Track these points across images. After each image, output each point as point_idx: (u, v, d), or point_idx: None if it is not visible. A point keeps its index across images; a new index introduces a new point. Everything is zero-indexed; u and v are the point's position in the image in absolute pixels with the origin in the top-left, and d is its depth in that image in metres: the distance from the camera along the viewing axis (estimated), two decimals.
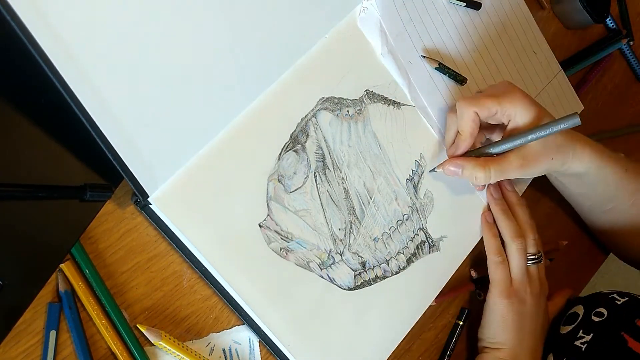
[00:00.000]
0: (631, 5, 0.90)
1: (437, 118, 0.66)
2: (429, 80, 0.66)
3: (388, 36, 0.62)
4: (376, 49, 0.63)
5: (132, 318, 0.51)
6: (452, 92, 0.67)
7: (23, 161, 0.46)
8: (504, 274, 0.65)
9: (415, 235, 0.64)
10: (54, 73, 0.42)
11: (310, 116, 0.58)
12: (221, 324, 0.55)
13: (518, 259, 0.66)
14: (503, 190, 0.70)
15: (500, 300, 0.65)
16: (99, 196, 0.49)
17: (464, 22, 0.70)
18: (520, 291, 0.65)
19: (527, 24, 0.76)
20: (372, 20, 0.62)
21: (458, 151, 0.62)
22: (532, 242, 0.67)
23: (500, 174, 0.61)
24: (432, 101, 0.66)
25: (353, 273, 0.60)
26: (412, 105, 0.65)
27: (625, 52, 0.90)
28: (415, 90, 0.65)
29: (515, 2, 0.75)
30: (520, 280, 0.66)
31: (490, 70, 0.71)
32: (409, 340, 0.65)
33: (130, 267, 0.51)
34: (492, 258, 0.66)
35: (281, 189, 0.56)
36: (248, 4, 0.53)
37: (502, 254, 0.66)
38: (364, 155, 0.61)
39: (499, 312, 0.65)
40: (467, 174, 0.61)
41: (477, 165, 0.61)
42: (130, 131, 0.47)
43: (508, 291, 0.65)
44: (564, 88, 0.79)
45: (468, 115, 0.60)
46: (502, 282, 0.65)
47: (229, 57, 0.52)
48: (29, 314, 0.47)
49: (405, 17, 0.64)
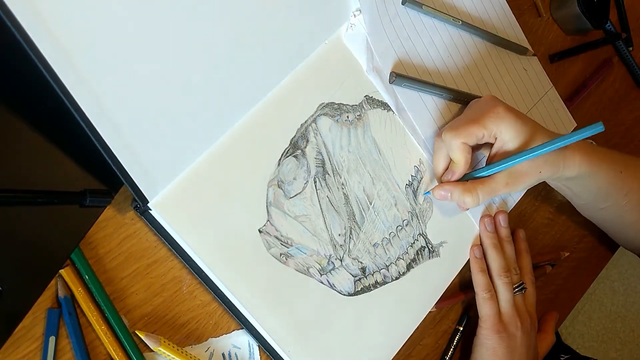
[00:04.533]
0: (630, 11, 0.90)
1: (424, 136, 0.65)
2: (417, 97, 0.65)
3: (374, 53, 0.62)
4: (362, 66, 0.62)
5: (132, 324, 0.51)
6: (440, 110, 0.67)
7: (23, 167, 0.46)
8: (493, 309, 0.66)
9: (415, 241, 0.64)
10: (54, 78, 0.42)
11: (310, 122, 0.58)
12: (221, 329, 0.55)
13: (505, 292, 0.66)
14: (496, 224, 0.70)
15: (491, 335, 0.65)
16: (98, 202, 0.49)
17: (453, 39, 0.69)
18: (510, 325, 0.66)
19: (517, 40, 0.75)
20: (359, 36, 0.61)
21: (453, 178, 0.63)
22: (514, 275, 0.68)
23: (488, 195, 0.62)
24: (420, 119, 0.65)
25: (353, 279, 0.60)
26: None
27: (624, 56, 0.90)
28: (402, 109, 0.64)
29: (506, 19, 0.75)
30: (509, 314, 0.66)
31: (479, 88, 0.71)
32: (409, 346, 0.65)
33: (130, 273, 0.51)
34: (481, 294, 0.66)
35: (281, 195, 0.56)
36: (247, 9, 0.53)
37: (491, 289, 0.67)
38: (364, 160, 0.62)
39: (490, 346, 0.66)
40: (456, 198, 0.62)
41: (465, 191, 0.61)
42: (130, 137, 0.47)
43: (498, 326, 0.66)
44: (555, 104, 0.79)
45: (457, 146, 0.61)
46: (491, 317, 0.66)
47: (229, 62, 0.52)
48: (29, 320, 0.47)
49: (391, 34, 0.64)
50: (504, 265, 0.68)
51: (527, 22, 0.80)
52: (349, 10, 0.61)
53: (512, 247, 0.70)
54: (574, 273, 0.83)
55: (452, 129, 0.61)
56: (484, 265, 0.68)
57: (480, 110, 0.62)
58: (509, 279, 0.67)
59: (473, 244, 0.69)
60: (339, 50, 0.61)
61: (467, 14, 0.71)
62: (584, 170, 0.65)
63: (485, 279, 0.67)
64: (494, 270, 0.67)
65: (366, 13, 0.61)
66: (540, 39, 0.82)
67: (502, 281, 0.67)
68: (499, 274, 0.67)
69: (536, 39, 0.81)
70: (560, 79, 0.84)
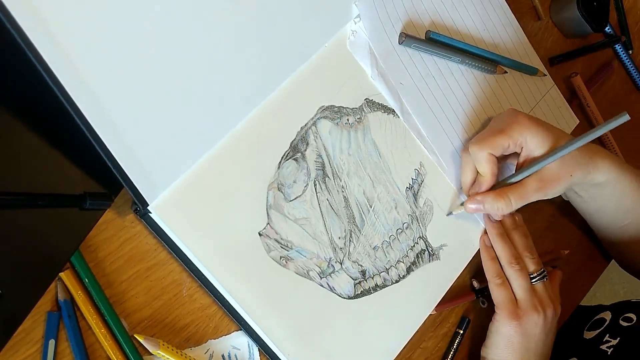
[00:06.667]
0: (630, 14, 0.90)
1: (430, 140, 0.66)
2: (422, 101, 0.65)
3: (378, 58, 0.62)
4: (367, 72, 0.62)
5: (132, 327, 0.51)
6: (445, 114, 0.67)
7: (23, 169, 0.46)
8: (507, 294, 0.64)
9: (415, 244, 0.64)
10: (54, 81, 0.42)
11: (310, 124, 0.58)
12: (221, 332, 0.55)
13: (518, 279, 0.65)
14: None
15: (508, 322, 0.64)
16: (98, 205, 0.49)
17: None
18: (530, 313, 0.64)
19: (517, 39, 0.76)
20: (362, 43, 0.62)
21: (481, 190, 0.63)
22: (530, 260, 0.66)
23: (520, 200, 0.62)
24: (425, 123, 0.65)
25: (353, 282, 0.60)
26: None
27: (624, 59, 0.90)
28: (407, 112, 0.64)
29: (506, 18, 0.75)
30: (526, 299, 0.64)
31: (482, 87, 0.71)
32: (409, 349, 0.65)
33: (129, 276, 0.51)
34: (492, 280, 0.65)
35: (281, 198, 0.56)
36: (247, 11, 0.53)
37: (502, 275, 0.65)
38: (364, 163, 0.61)
39: (505, 333, 0.64)
40: (489, 207, 0.62)
41: (497, 197, 0.61)
42: (130, 139, 0.47)
43: (515, 312, 0.64)
44: (558, 102, 0.79)
45: (483, 157, 0.61)
46: (506, 303, 0.64)
47: (229, 65, 0.52)
48: (28, 323, 0.47)
49: (394, 38, 0.64)
50: (513, 253, 0.66)
51: (526, 25, 0.80)
52: (348, 13, 0.61)
53: (521, 234, 0.68)
54: (575, 275, 0.83)
55: (478, 141, 0.62)
56: (493, 254, 0.67)
57: (503, 121, 0.63)
58: (519, 266, 0.65)
59: (482, 234, 0.69)
60: (339, 53, 0.61)
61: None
62: (613, 175, 0.66)
63: (495, 266, 0.66)
64: (502, 260, 0.66)
65: (366, 19, 0.61)
66: (539, 42, 0.82)
67: (513, 269, 0.65)
68: (509, 263, 0.65)
69: (536, 42, 0.81)
70: (560, 82, 0.84)
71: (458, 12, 0.70)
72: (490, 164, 0.62)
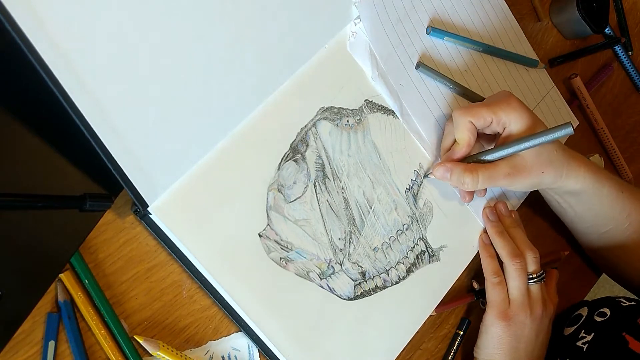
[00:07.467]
0: (629, 15, 0.90)
1: (430, 140, 0.66)
2: (422, 103, 0.65)
3: (378, 60, 0.62)
4: (367, 73, 0.63)
5: (131, 328, 0.51)
6: (445, 116, 0.67)
7: (23, 171, 0.46)
8: (501, 295, 0.64)
9: (415, 245, 0.64)
10: (54, 83, 0.42)
11: (310, 126, 0.58)
12: (220, 333, 0.55)
13: (517, 279, 0.64)
14: (498, 213, 0.69)
15: (497, 322, 0.64)
16: (98, 206, 0.49)
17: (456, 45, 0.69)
18: (518, 314, 0.64)
19: (517, 40, 0.76)
20: (362, 44, 0.62)
21: (453, 157, 0.63)
22: (532, 260, 0.65)
23: (488, 180, 0.61)
24: (425, 124, 0.65)
25: (353, 283, 0.60)
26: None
27: (623, 61, 0.90)
28: (407, 114, 0.64)
29: (506, 19, 0.75)
30: (519, 301, 0.64)
31: (482, 89, 0.71)
32: (409, 350, 0.65)
33: (129, 277, 0.51)
34: (490, 279, 0.65)
35: (281, 199, 0.56)
36: (247, 13, 0.53)
37: (500, 274, 0.65)
38: (364, 164, 0.62)
39: (495, 333, 0.64)
40: (455, 177, 0.61)
41: (466, 170, 0.61)
42: (130, 141, 0.47)
43: (505, 313, 0.64)
44: (558, 104, 0.79)
45: (464, 124, 0.61)
46: (499, 303, 0.64)
47: (229, 66, 0.52)
48: (28, 324, 0.47)
49: (394, 39, 0.64)
50: (514, 250, 0.65)
51: (526, 26, 0.80)
52: (348, 14, 0.61)
53: (521, 231, 0.68)
54: (575, 276, 0.83)
55: (463, 108, 0.62)
56: (492, 251, 0.67)
57: (494, 98, 0.63)
58: (520, 264, 0.64)
59: (481, 233, 0.68)
60: (339, 55, 0.61)
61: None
62: (588, 185, 0.65)
63: (493, 263, 0.66)
64: (503, 257, 0.65)
65: (366, 20, 0.61)
66: (539, 43, 0.82)
67: (514, 267, 0.64)
68: (510, 260, 0.64)
69: (536, 43, 0.81)
70: (560, 84, 0.84)
71: (458, 13, 0.70)
72: (467, 133, 0.61)
